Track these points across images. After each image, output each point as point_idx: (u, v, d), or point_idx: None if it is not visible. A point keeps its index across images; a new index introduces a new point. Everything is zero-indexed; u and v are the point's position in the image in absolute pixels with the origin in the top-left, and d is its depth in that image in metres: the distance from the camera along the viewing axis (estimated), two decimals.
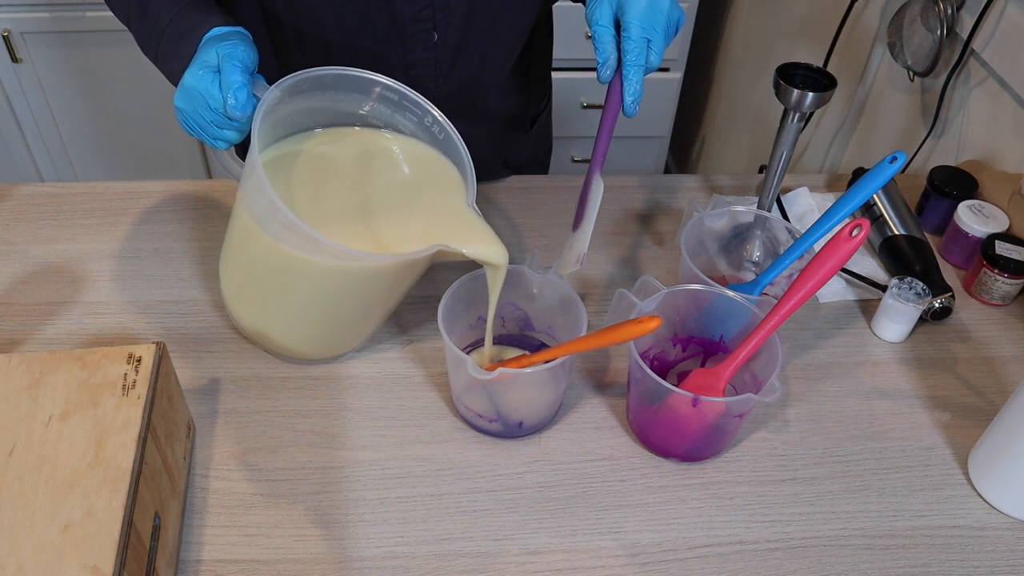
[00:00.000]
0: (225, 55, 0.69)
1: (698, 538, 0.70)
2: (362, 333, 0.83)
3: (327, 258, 0.69)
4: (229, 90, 0.68)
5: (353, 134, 0.81)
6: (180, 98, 0.71)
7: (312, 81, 0.73)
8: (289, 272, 0.72)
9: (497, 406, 0.74)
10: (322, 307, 0.76)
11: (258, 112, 0.68)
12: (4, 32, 1.83)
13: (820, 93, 0.83)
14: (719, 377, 0.73)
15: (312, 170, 0.78)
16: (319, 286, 0.73)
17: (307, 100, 0.76)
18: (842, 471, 0.76)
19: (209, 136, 0.72)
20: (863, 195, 0.79)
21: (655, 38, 0.73)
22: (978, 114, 1.11)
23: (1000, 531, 0.72)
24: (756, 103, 1.92)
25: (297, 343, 0.80)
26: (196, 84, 0.69)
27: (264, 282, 0.76)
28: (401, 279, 0.76)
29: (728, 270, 0.93)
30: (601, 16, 0.74)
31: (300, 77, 0.72)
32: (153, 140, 2.08)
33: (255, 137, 0.67)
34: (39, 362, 0.65)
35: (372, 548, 0.68)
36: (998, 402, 0.82)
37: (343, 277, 0.72)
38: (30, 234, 0.96)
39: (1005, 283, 0.90)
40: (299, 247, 0.69)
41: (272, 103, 0.71)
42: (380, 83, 0.76)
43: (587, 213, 0.78)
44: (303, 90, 0.74)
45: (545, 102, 1.15)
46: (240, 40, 0.72)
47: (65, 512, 0.55)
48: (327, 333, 0.80)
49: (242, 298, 0.79)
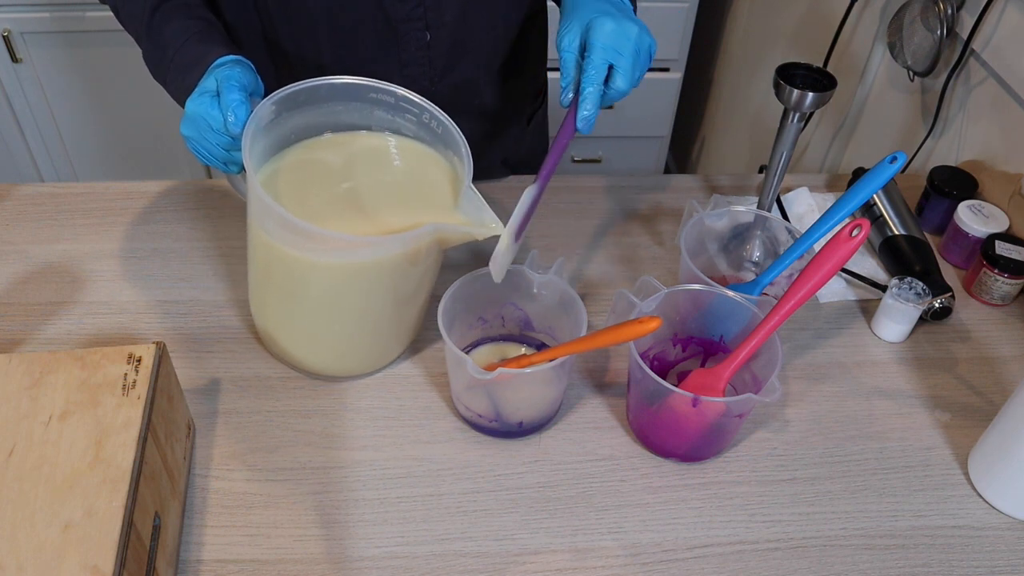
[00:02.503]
0: (223, 77, 0.72)
1: (698, 538, 0.70)
2: (384, 346, 0.81)
3: (328, 256, 0.69)
4: (228, 108, 0.70)
5: (352, 138, 0.81)
6: (185, 126, 0.74)
7: (307, 93, 0.75)
8: (295, 276, 0.72)
9: (497, 406, 0.74)
10: (335, 311, 0.75)
11: (249, 123, 0.70)
12: (4, 32, 1.83)
13: (820, 93, 0.83)
14: (719, 377, 0.73)
15: (312, 174, 0.78)
16: (325, 287, 0.73)
17: (307, 114, 0.77)
18: (842, 471, 0.76)
19: (219, 160, 0.74)
20: (863, 195, 0.79)
21: (620, 63, 0.74)
22: (978, 114, 1.11)
23: (1000, 531, 0.72)
24: (756, 103, 1.92)
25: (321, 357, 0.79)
26: (196, 109, 0.72)
27: (279, 290, 0.76)
28: (408, 273, 0.75)
29: (728, 270, 0.93)
30: (569, 43, 0.76)
31: (293, 89, 0.73)
32: (153, 140, 2.08)
33: (246, 148, 0.68)
34: (39, 362, 0.65)
35: (372, 548, 0.68)
36: (998, 402, 0.82)
37: (346, 275, 0.72)
38: (30, 234, 0.96)
39: (1005, 283, 0.90)
40: (299, 247, 0.69)
41: (266, 116, 0.72)
42: (373, 87, 0.77)
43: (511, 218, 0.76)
44: (299, 103, 0.75)
45: (541, 99, 1.15)
46: (237, 64, 0.74)
47: (65, 512, 0.55)
48: (350, 343, 0.79)
49: (273, 318, 0.79)
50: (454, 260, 0.95)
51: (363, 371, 0.82)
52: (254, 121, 0.70)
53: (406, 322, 0.80)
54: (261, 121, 0.72)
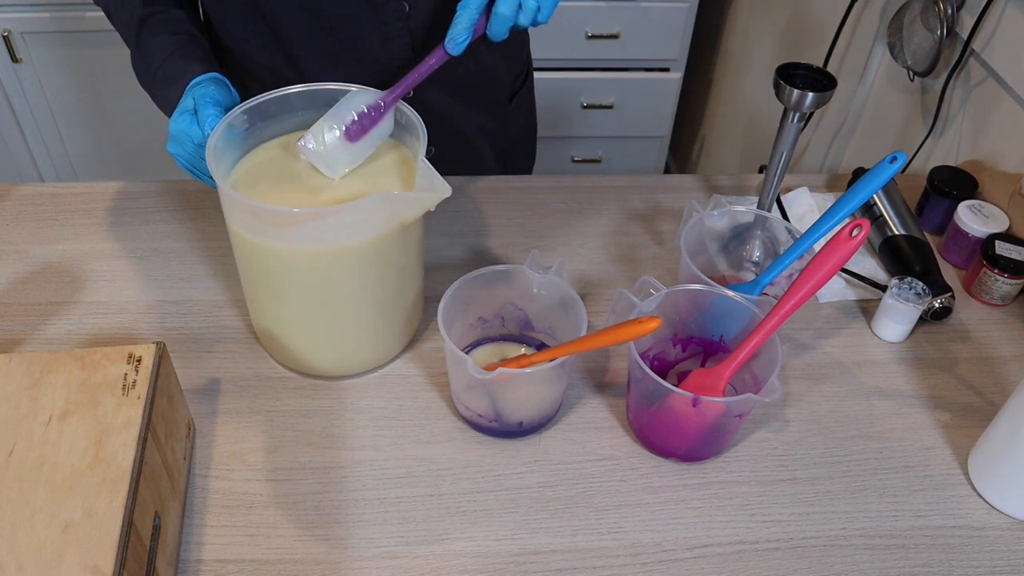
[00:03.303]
0: (199, 96, 0.77)
1: (698, 538, 0.70)
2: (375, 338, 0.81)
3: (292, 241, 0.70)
4: (205, 123, 0.75)
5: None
6: (171, 145, 0.79)
7: (278, 102, 0.78)
8: (270, 267, 0.74)
9: (497, 406, 0.74)
10: (316, 303, 0.75)
11: (216, 128, 0.74)
12: (4, 32, 1.83)
13: (820, 93, 0.83)
14: (719, 377, 0.73)
15: (271, 170, 0.78)
16: (299, 276, 0.73)
17: (280, 122, 0.80)
18: (842, 471, 0.76)
19: (205, 175, 0.79)
20: (863, 195, 0.79)
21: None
22: (978, 114, 1.11)
23: (1000, 531, 0.72)
24: (756, 103, 1.92)
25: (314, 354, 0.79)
26: (178, 127, 0.77)
27: (264, 287, 0.77)
28: (380, 258, 0.74)
29: (728, 270, 0.93)
30: None
31: (265, 98, 0.77)
32: (153, 140, 2.07)
33: (210, 149, 0.72)
34: (39, 362, 0.65)
35: (372, 548, 0.68)
36: (998, 402, 0.82)
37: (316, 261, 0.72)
38: (30, 234, 0.96)
39: (1005, 283, 0.91)
40: (265, 234, 0.71)
41: (237, 123, 0.76)
42: (343, 90, 0.78)
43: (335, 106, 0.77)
44: (272, 114, 0.79)
45: (523, 78, 1.15)
46: (212, 81, 0.80)
47: (65, 512, 0.55)
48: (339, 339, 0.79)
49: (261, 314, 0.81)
50: (454, 260, 0.95)
51: (360, 369, 0.82)
52: (222, 126, 0.74)
53: (396, 316, 0.80)
54: (232, 128, 0.76)
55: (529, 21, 0.77)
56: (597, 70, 2.09)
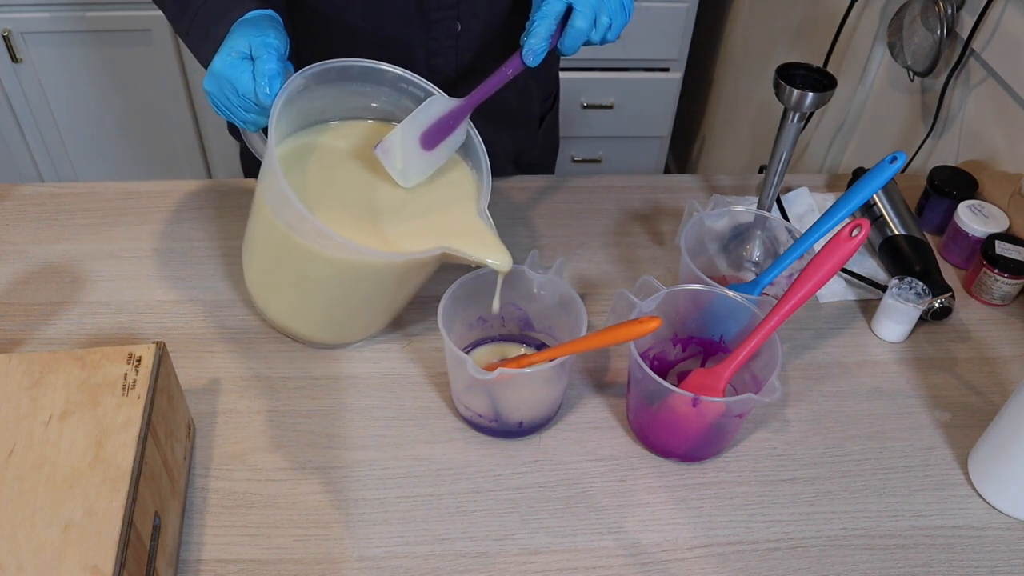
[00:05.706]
0: (260, 44, 0.69)
1: (698, 538, 0.70)
2: (371, 325, 0.83)
3: (334, 250, 0.70)
4: (264, 77, 0.68)
5: (370, 129, 0.81)
6: (209, 82, 0.71)
7: (339, 71, 0.73)
8: (299, 260, 0.73)
9: (497, 406, 0.74)
10: (330, 296, 0.77)
11: (278, 99, 0.68)
12: (4, 32, 1.83)
13: (820, 93, 0.83)
14: (719, 377, 0.73)
15: (327, 164, 0.78)
16: (326, 275, 0.74)
17: (334, 91, 0.76)
18: (842, 471, 0.76)
19: (238, 119, 0.73)
20: (863, 195, 0.79)
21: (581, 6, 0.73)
22: (978, 114, 1.11)
23: (1000, 531, 0.72)
24: (756, 103, 1.92)
25: (305, 327, 0.81)
26: (225, 71, 0.70)
27: (278, 268, 0.78)
28: (407, 278, 0.76)
29: (728, 270, 0.93)
30: None
31: (327, 66, 0.72)
32: (153, 140, 2.08)
33: (272, 128, 0.68)
34: (39, 362, 0.65)
35: (372, 548, 0.68)
36: (998, 402, 0.82)
37: (350, 270, 0.72)
38: (30, 234, 0.96)
39: (1005, 283, 0.90)
40: (308, 237, 0.70)
41: (296, 91, 0.71)
42: (405, 78, 0.76)
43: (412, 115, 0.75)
44: (329, 80, 0.74)
45: (552, 101, 1.15)
46: (271, 26, 0.71)
47: (65, 512, 0.55)
48: (335, 321, 0.80)
49: (260, 283, 0.81)
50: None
51: (347, 340, 0.83)
52: (284, 93, 0.69)
53: (384, 312, 0.82)
54: (291, 95, 0.71)
55: (600, 38, 0.76)
56: (597, 70, 2.08)
